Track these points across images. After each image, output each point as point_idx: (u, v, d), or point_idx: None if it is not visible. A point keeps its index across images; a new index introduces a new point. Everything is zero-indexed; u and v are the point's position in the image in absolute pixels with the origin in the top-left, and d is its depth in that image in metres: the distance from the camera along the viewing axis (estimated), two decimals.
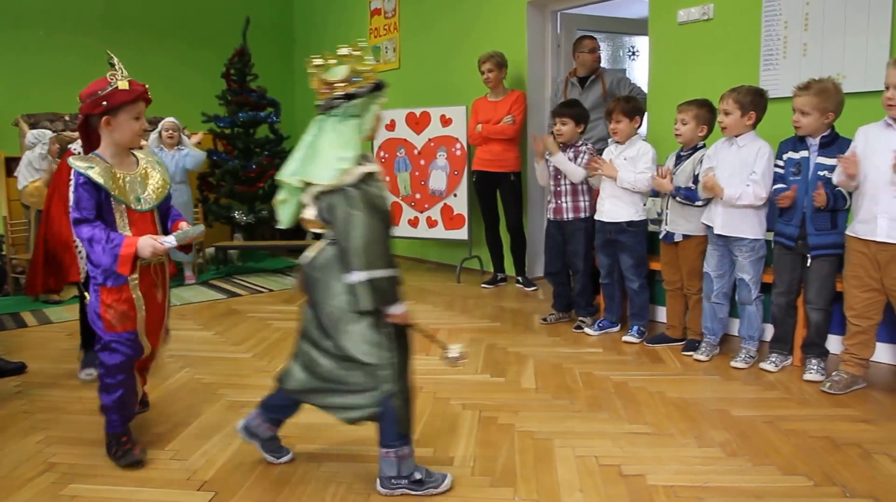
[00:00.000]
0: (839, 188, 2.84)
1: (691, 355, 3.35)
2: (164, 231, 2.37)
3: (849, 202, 2.87)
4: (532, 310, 4.39)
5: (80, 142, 2.80)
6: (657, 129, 4.12)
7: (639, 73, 5.36)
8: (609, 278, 3.81)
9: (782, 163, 3.07)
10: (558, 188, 3.91)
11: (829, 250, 2.94)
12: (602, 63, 4.72)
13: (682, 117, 3.37)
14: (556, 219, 3.93)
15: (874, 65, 3.14)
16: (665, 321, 3.69)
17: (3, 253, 5.22)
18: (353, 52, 1.92)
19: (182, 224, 2.37)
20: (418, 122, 5.45)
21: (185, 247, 2.35)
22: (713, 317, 3.34)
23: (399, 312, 1.95)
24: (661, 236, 3.55)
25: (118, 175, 2.24)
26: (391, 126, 5.49)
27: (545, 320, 4.08)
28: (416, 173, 5.50)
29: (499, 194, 4.94)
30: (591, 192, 3.87)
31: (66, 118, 5.78)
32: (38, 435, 2.52)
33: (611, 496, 2.03)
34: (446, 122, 5.35)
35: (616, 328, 3.84)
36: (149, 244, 2.15)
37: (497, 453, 2.32)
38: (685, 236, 3.42)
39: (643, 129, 3.99)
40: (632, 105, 3.61)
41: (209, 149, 6.30)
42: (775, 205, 3.08)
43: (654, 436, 2.45)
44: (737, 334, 3.41)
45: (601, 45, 4.72)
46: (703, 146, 3.40)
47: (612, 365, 3.29)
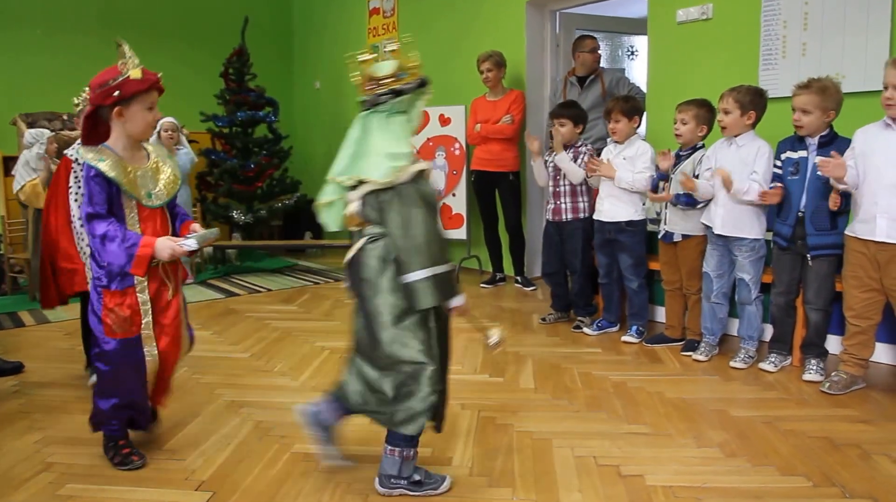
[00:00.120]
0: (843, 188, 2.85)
1: (690, 355, 3.34)
2: (173, 231, 2.26)
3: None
4: (531, 309, 4.39)
5: (77, 144, 2.77)
6: (656, 129, 4.12)
7: (638, 72, 5.36)
8: (608, 278, 3.80)
9: (780, 163, 3.07)
10: (557, 189, 3.90)
11: (828, 250, 2.93)
12: (601, 62, 4.72)
13: (682, 117, 3.36)
14: (555, 219, 3.92)
15: (873, 64, 3.13)
16: (664, 321, 3.68)
17: (2, 252, 5.20)
18: (399, 48, 1.90)
19: (194, 226, 2.25)
20: None
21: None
22: (712, 317, 3.34)
23: (460, 304, 1.93)
24: (660, 236, 3.54)
25: (129, 169, 2.11)
26: None
27: (544, 320, 4.07)
28: None
29: (497, 194, 4.94)
30: (591, 193, 3.86)
31: (65, 117, 5.76)
32: (35, 434, 2.51)
33: (609, 496, 2.02)
34: (445, 121, 5.34)
35: (615, 328, 3.83)
36: (167, 246, 2.05)
37: (495, 453, 2.32)
38: (684, 236, 3.42)
39: (642, 129, 3.99)
40: (631, 105, 3.61)
41: (207, 149, 6.30)
42: (775, 206, 3.08)
43: (653, 437, 2.44)
44: (736, 334, 3.40)
45: (600, 45, 4.71)
46: (703, 146, 3.39)
47: (610, 365, 3.28)
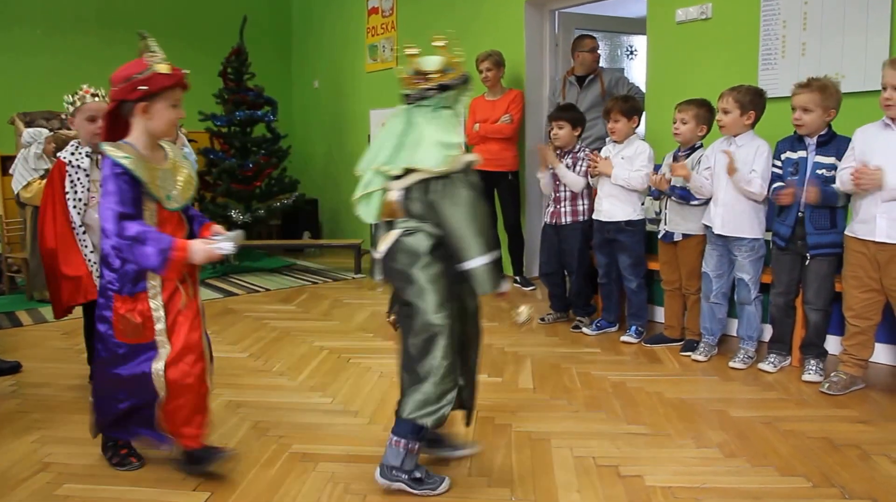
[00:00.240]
0: (832, 186, 2.84)
1: (689, 355, 3.34)
2: (191, 233, 2.15)
3: (842, 200, 2.87)
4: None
5: (71, 145, 2.73)
6: (655, 129, 4.11)
7: (637, 72, 5.36)
8: (607, 278, 3.80)
9: (780, 163, 3.06)
10: (558, 194, 3.89)
11: (827, 250, 2.93)
12: (600, 62, 4.71)
13: (682, 117, 3.36)
14: (554, 222, 3.92)
15: (873, 64, 3.13)
16: (663, 321, 3.68)
17: None
18: (447, 43, 1.91)
19: (215, 227, 2.14)
20: None
21: None
22: (712, 317, 3.34)
23: (506, 290, 2.06)
24: (659, 236, 3.54)
25: (152, 168, 2.01)
26: None
27: (543, 320, 4.06)
28: None
29: (496, 194, 4.93)
30: (590, 197, 3.85)
31: (63, 116, 5.73)
32: (32, 434, 2.50)
33: (608, 497, 2.02)
34: None
35: (614, 328, 3.83)
36: (202, 249, 1.95)
37: (494, 453, 2.31)
38: (684, 236, 3.41)
39: (641, 129, 3.99)
40: (630, 104, 3.60)
41: (206, 148, 6.29)
42: (774, 205, 3.08)
43: (652, 437, 2.44)
44: (735, 334, 3.40)
45: (599, 45, 4.71)
46: (702, 146, 3.39)
47: (610, 365, 3.28)
